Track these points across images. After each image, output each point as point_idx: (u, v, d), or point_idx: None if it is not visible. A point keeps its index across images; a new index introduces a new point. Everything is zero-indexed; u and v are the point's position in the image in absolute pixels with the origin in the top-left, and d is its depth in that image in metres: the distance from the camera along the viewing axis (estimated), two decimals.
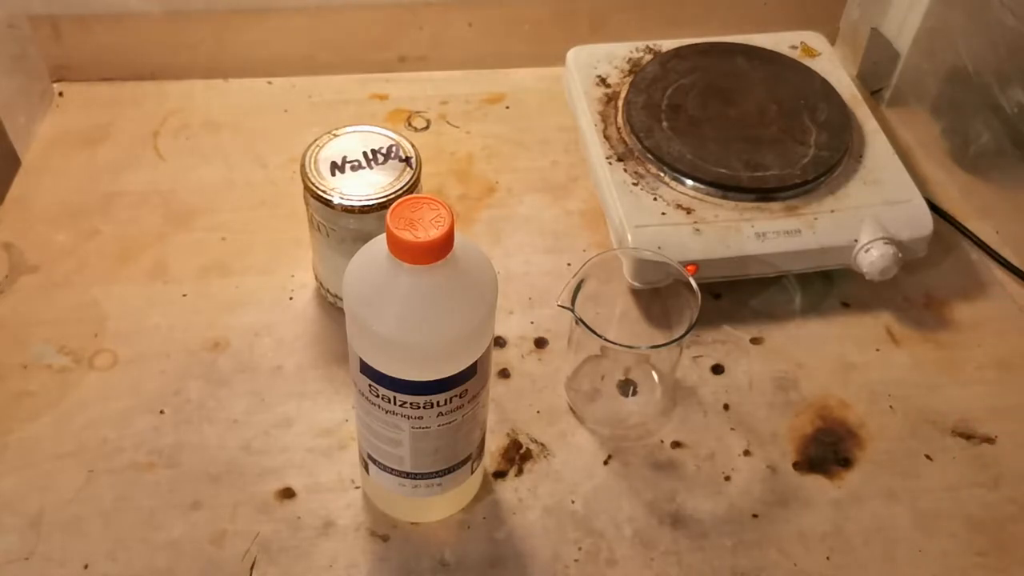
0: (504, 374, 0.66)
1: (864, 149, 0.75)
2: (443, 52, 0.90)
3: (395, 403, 0.48)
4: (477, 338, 0.48)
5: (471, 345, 0.48)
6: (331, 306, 0.69)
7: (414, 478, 0.53)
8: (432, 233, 0.43)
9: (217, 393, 0.64)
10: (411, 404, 0.48)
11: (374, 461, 0.54)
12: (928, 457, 0.63)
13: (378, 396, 0.48)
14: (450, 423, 0.50)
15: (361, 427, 0.53)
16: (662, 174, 0.71)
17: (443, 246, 0.43)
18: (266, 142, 0.82)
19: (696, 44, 0.82)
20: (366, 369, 0.48)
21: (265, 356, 0.66)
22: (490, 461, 0.61)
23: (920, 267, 0.73)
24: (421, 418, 0.49)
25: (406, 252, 0.43)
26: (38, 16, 0.82)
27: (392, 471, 0.53)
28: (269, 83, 0.88)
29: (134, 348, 0.66)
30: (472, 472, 0.56)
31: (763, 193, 0.70)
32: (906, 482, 0.62)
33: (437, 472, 0.53)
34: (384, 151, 0.63)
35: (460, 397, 0.49)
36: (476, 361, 0.48)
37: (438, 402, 0.48)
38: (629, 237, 0.67)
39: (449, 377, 0.47)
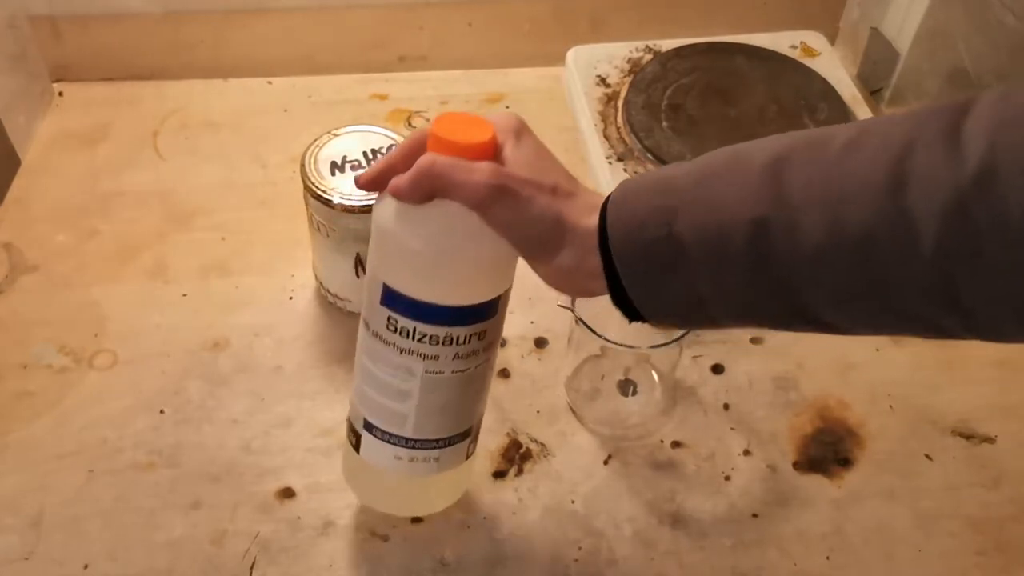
0: (504, 374, 0.66)
1: None
2: (443, 52, 0.90)
3: (413, 337, 0.47)
4: (501, 269, 0.48)
5: (496, 274, 0.48)
6: (331, 306, 0.69)
7: (412, 447, 0.51)
8: (477, 137, 0.44)
9: (217, 393, 0.64)
10: (430, 338, 0.47)
11: (371, 429, 0.51)
12: (928, 457, 0.63)
13: (396, 331, 0.47)
14: (463, 371, 0.49)
15: (363, 385, 0.51)
16: None
17: (487, 149, 0.45)
18: (266, 142, 0.82)
19: (696, 44, 0.82)
20: (388, 297, 0.47)
21: (265, 356, 0.66)
22: (490, 461, 0.61)
23: None
24: (437, 358, 0.48)
25: (451, 153, 0.44)
26: (38, 16, 0.82)
27: (391, 437, 0.51)
28: (269, 83, 0.88)
29: (134, 348, 0.66)
30: (467, 456, 0.54)
31: None
32: (906, 482, 0.62)
33: (437, 441, 0.51)
34: (384, 151, 0.63)
35: (479, 339, 0.48)
36: (498, 299, 0.48)
37: (457, 338, 0.47)
38: None
39: (471, 308, 0.47)
